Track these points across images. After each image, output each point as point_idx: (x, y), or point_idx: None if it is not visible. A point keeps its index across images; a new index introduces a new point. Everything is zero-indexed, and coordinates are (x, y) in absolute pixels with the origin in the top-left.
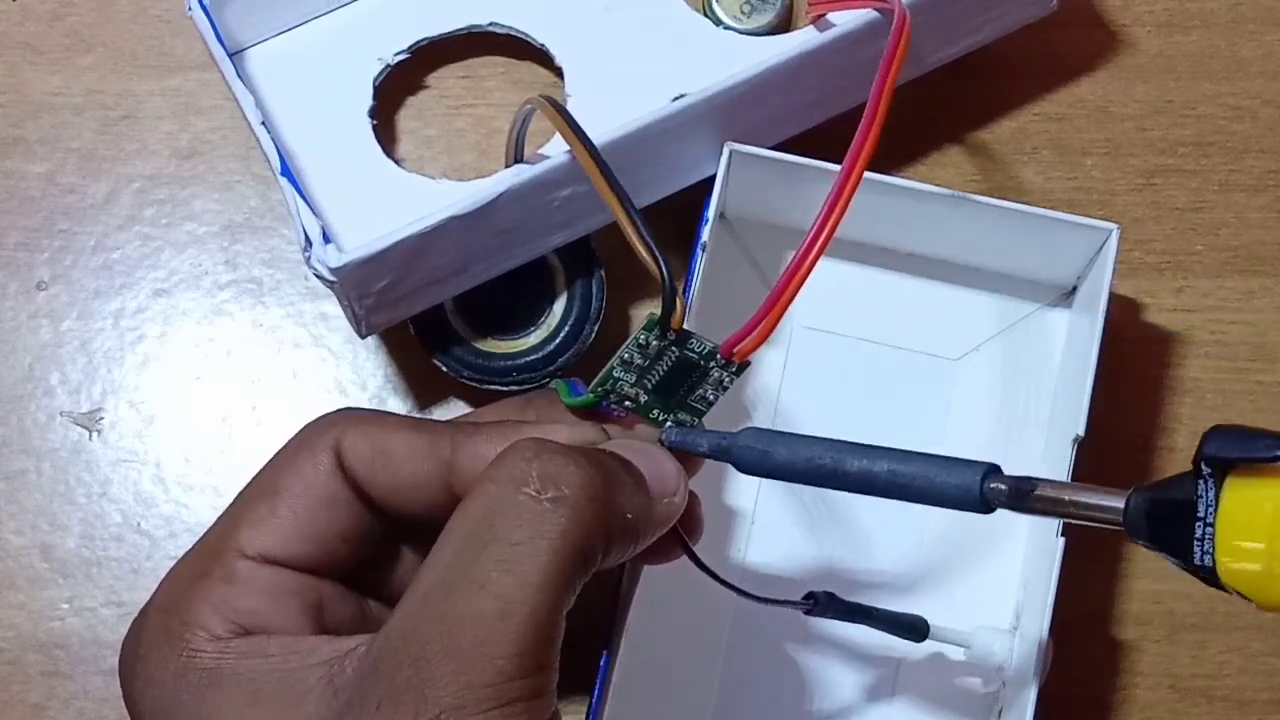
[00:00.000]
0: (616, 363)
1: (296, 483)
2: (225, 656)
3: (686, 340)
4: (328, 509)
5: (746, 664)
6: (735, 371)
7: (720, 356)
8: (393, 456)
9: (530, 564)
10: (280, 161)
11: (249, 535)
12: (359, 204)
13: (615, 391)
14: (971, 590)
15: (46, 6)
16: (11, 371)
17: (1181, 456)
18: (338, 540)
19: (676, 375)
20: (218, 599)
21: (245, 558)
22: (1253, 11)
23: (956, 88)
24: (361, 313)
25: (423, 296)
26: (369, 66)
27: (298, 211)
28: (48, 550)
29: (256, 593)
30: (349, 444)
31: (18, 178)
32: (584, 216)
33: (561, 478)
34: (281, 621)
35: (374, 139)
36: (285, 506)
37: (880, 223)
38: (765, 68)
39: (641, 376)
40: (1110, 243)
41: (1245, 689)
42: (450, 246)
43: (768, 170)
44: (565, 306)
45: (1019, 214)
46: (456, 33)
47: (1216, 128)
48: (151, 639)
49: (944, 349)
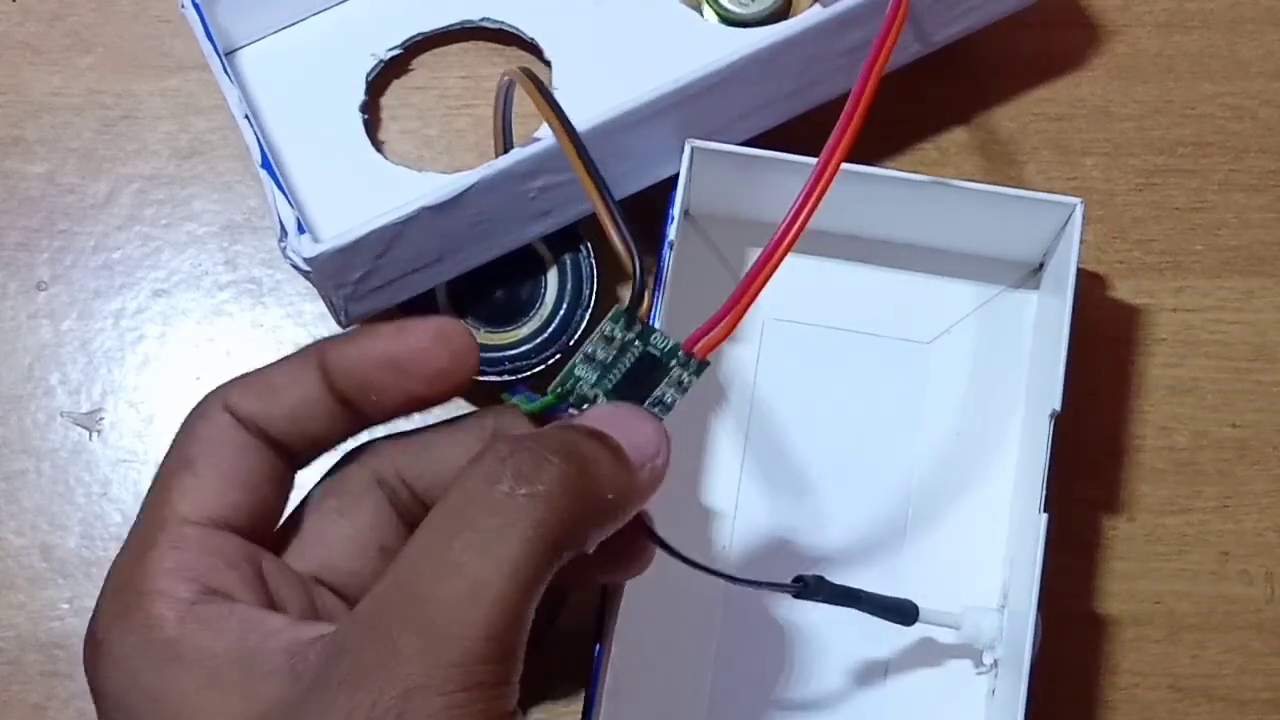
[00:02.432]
0: (579, 359)
1: (203, 446)
2: (186, 624)
3: (649, 336)
4: (244, 454)
5: (739, 655)
6: (695, 371)
7: (682, 353)
8: (275, 386)
9: (503, 550)
10: (261, 153)
11: (183, 501)
12: (348, 197)
13: (574, 392)
14: (957, 570)
15: (46, 6)
16: (11, 371)
17: (1182, 457)
18: (266, 484)
19: (637, 374)
20: (172, 563)
21: (189, 523)
22: (1253, 11)
23: (956, 87)
24: (340, 302)
25: (403, 286)
26: (362, 62)
27: (274, 201)
28: (48, 550)
29: (209, 554)
30: (234, 398)
31: (18, 178)
32: (563, 206)
33: (536, 474)
34: (236, 586)
35: (365, 134)
36: (204, 465)
37: (844, 211)
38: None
39: (603, 375)
40: (1075, 217)
41: (1245, 689)
42: (425, 237)
43: (730, 166)
44: (556, 296)
45: (982, 194)
46: (448, 28)
47: (1216, 128)
48: (109, 620)
49: (916, 333)
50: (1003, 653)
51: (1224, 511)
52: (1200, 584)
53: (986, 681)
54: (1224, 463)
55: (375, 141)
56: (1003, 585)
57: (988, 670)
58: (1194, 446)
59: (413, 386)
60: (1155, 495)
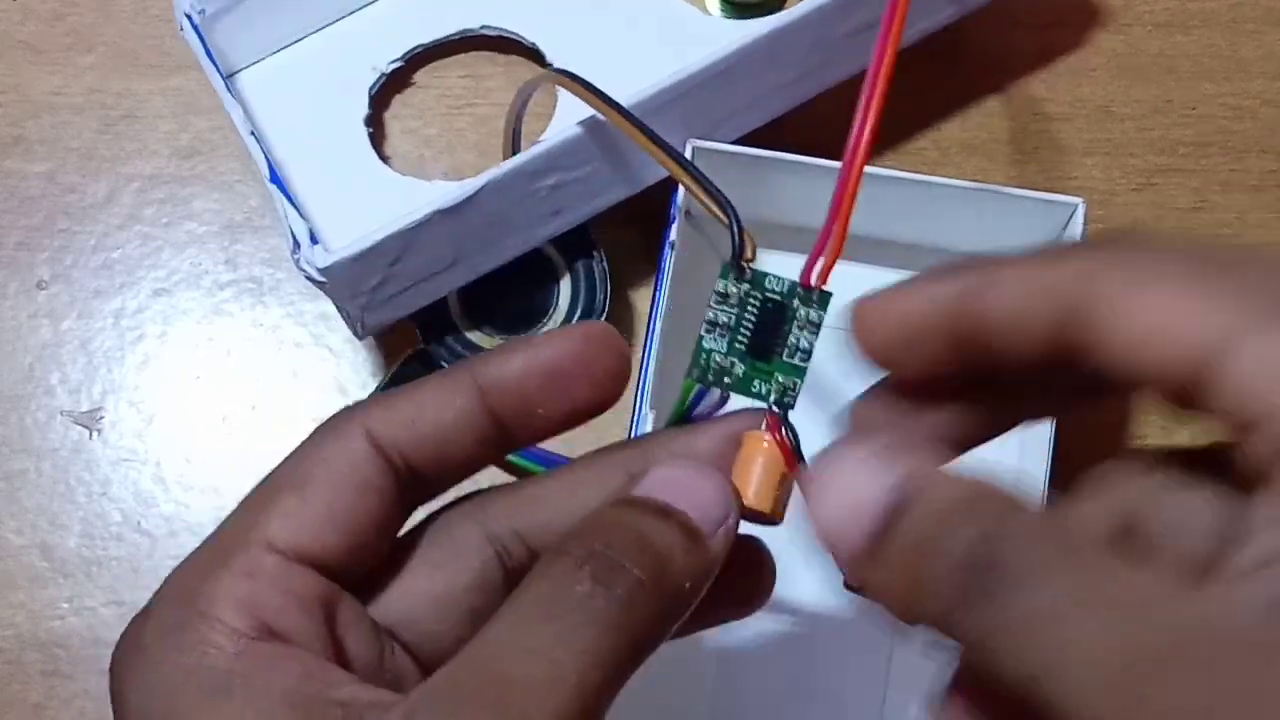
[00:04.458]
0: (704, 328)
1: (327, 471)
2: (243, 659)
3: (763, 281)
4: (363, 495)
5: (738, 653)
6: (821, 304)
7: (801, 290)
8: (424, 409)
9: (582, 643)
10: (269, 169)
11: (278, 527)
12: (355, 210)
13: (710, 368)
14: None
15: (46, 6)
16: (11, 371)
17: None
18: (371, 532)
19: (765, 327)
20: (242, 593)
21: (273, 552)
22: (1253, 11)
23: (956, 87)
24: (357, 313)
25: (417, 293)
26: (364, 76)
27: (285, 214)
28: (48, 550)
29: (283, 592)
30: (378, 422)
31: (18, 177)
32: (574, 205)
33: (613, 579)
34: (303, 631)
35: (370, 147)
36: (316, 496)
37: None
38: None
39: (732, 340)
40: (1076, 217)
41: None
42: (438, 241)
43: (731, 165)
44: (570, 302)
45: (983, 194)
46: (449, 38)
47: (1217, 128)
48: (159, 629)
49: None
50: None
51: None
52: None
53: None
54: None
55: (382, 154)
56: None
57: None
58: (1194, 445)
59: (580, 396)
60: None
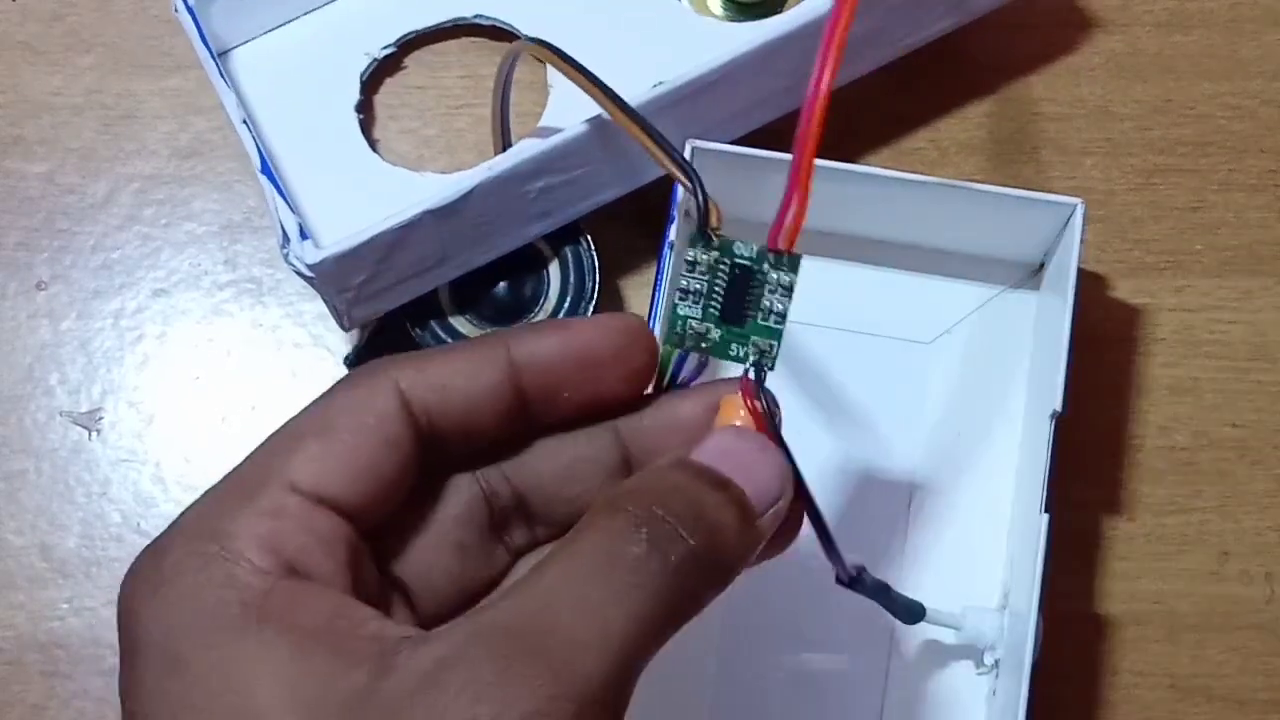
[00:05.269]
0: (676, 298)
1: (354, 419)
2: (274, 595)
3: (730, 247)
4: (386, 449)
5: (739, 652)
6: (790, 267)
7: (770, 255)
8: (455, 373)
9: (633, 606)
10: (260, 160)
11: (302, 469)
12: (345, 199)
13: (686, 335)
14: (958, 570)
15: (46, 6)
16: (11, 371)
17: (1182, 457)
18: (390, 486)
19: (737, 291)
20: (266, 531)
21: (296, 492)
22: (1253, 11)
23: (956, 87)
24: (343, 306)
25: (404, 289)
26: (356, 61)
27: (275, 209)
28: (48, 550)
29: (307, 532)
30: (410, 379)
31: (18, 178)
32: (563, 206)
33: (670, 546)
34: (328, 571)
35: (360, 134)
36: (341, 443)
37: (845, 211)
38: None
39: (706, 305)
40: (1075, 217)
41: (1244, 689)
42: (427, 240)
43: (730, 165)
44: (560, 290)
45: (983, 194)
46: (441, 25)
47: (1216, 127)
48: (179, 564)
49: (916, 333)
50: (1003, 653)
51: (1224, 511)
52: (1200, 584)
53: (987, 682)
54: (1224, 463)
55: (371, 140)
56: (1003, 585)
57: (988, 670)
58: (1194, 446)
59: (608, 387)
60: (1155, 495)
